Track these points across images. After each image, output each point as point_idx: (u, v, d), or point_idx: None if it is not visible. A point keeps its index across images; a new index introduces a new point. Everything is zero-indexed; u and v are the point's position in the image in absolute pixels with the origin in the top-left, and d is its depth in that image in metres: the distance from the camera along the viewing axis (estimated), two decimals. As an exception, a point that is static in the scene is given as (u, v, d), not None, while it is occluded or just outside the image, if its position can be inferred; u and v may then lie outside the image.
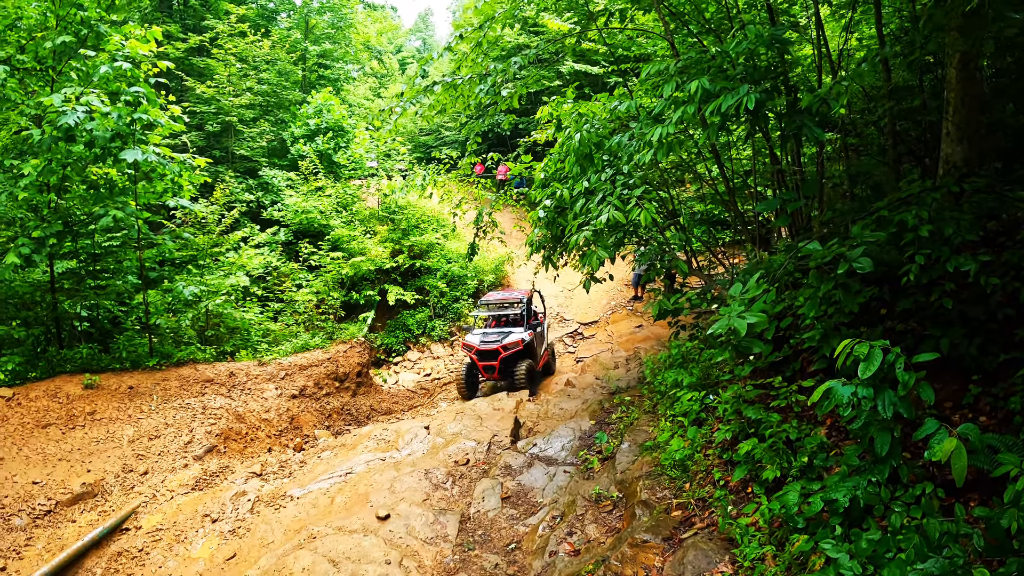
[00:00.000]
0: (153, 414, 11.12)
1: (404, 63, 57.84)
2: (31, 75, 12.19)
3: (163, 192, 12.70)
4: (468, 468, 8.48)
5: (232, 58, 24.11)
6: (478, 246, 12.33)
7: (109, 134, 11.02)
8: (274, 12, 31.40)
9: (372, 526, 7.02)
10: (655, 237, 8.92)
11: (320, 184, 21.62)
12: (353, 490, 8.18)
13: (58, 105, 10.54)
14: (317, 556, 6.37)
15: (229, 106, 23.26)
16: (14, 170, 11.61)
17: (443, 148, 28.42)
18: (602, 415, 9.35)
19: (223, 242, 16.37)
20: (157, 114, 11.70)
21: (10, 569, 7.47)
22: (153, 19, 24.82)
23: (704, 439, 6.38)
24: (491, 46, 9.40)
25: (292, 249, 20.27)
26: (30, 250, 11.02)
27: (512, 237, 20.84)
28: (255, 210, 21.88)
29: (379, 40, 39.36)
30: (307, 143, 23.93)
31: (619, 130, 7.69)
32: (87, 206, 12.31)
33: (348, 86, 32.45)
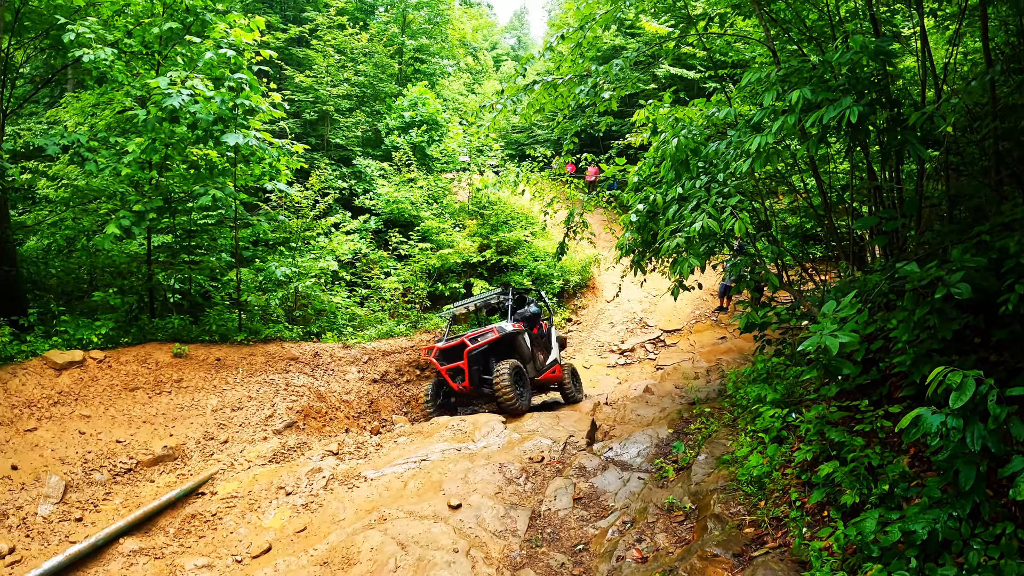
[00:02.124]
0: (237, 386, 11.53)
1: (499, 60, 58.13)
2: (137, 59, 12.90)
3: (261, 175, 13.25)
4: (542, 466, 8.51)
5: (331, 49, 24.82)
6: (567, 246, 12.36)
7: (212, 117, 11.48)
8: (372, 6, 32.06)
9: (443, 514, 7.13)
10: (746, 248, 8.81)
11: (412, 176, 22.01)
12: (427, 477, 8.31)
13: (164, 88, 11.04)
14: (386, 537, 6.53)
15: (326, 96, 23.91)
16: (117, 147, 12.19)
17: (536, 146, 28.55)
18: (680, 424, 9.26)
19: (315, 227, 16.88)
20: (258, 100, 12.17)
21: (86, 520, 7.89)
22: (255, 9, 25.67)
23: (783, 457, 6.27)
24: (590, 47, 9.43)
25: (382, 237, 20.70)
26: (130, 222, 11.60)
27: (600, 239, 20.81)
28: (347, 197, 22.44)
29: (474, 37, 39.77)
30: (401, 135, 24.36)
31: (715, 137, 7.61)
32: (187, 184, 12.91)
33: (443, 81, 32.90)
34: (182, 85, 11.16)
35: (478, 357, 11.99)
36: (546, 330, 14.29)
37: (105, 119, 13.17)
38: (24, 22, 12.73)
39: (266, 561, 6.94)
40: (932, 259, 5.17)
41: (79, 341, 11.28)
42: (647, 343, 17.72)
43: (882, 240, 6.88)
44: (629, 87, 9.65)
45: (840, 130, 5.76)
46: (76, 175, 13.24)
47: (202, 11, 12.47)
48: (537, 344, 13.64)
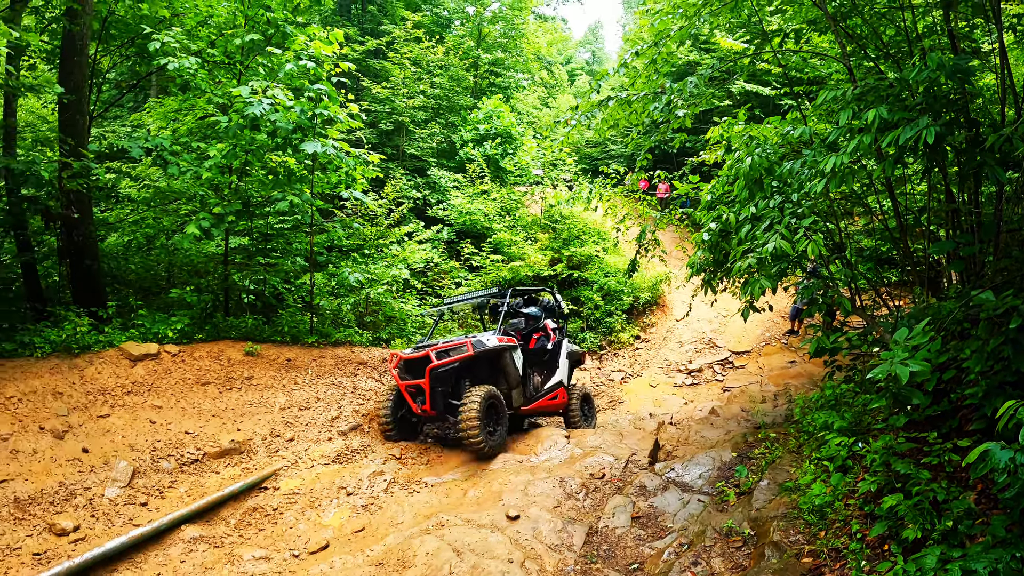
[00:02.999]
0: (306, 387, 11.77)
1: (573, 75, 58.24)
2: (219, 68, 13.42)
3: (337, 183, 13.56)
4: (603, 482, 8.50)
5: (407, 62, 25.29)
6: (638, 263, 12.30)
7: (291, 126, 11.82)
8: (448, 20, 32.60)
9: (500, 524, 7.21)
10: (819, 270, 8.65)
11: (485, 188, 22.23)
12: (487, 487, 8.44)
13: (245, 96, 11.38)
14: (442, 544, 6.64)
15: (402, 107, 24.35)
16: (198, 151, 12.65)
17: (609, 162, 28.55)
18: (744, 448, 9.11)
19: (389, 235, 17.17)
20: (336, 111, 12.41)
21: (151, 505, 8.19)
22: (333, 22, 26.31)
23: (847, 487, 6.12)
24: (664, 62, 9.40)
25: (453, 248, 20.93)
26: (209, 224, 11.94)
27: (672, 257, 20.64)
28: (421, 207, 22.76)
29: (549, 51, 40.03)
30: (475, 147, 24.63)
31: (790, 156, 7.51)
32: (265, 190, 13.28)
33: (518, 94, 33.20)
34: (263, 94, 11.51)
35: (445, 376, 10.19)
36: (552, 343, 12.39)
37: (187, 124, 13.74)
38: (111, 30, 13.37)
39: (323, 558, 7.14)
40: (1009, 287, 5.00)
41: (155, 335, 11.69)
42: (715, 364, 17.48)
43: (959, 266, 6.68)
44: (704, 104, 9.61)
45: (917, 150, 5.63)
46: (158, 177, 13.82)
47: (283, 24, 12.88)
48: (534, 362, 11.98)
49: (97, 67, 13.54)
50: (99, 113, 14.03)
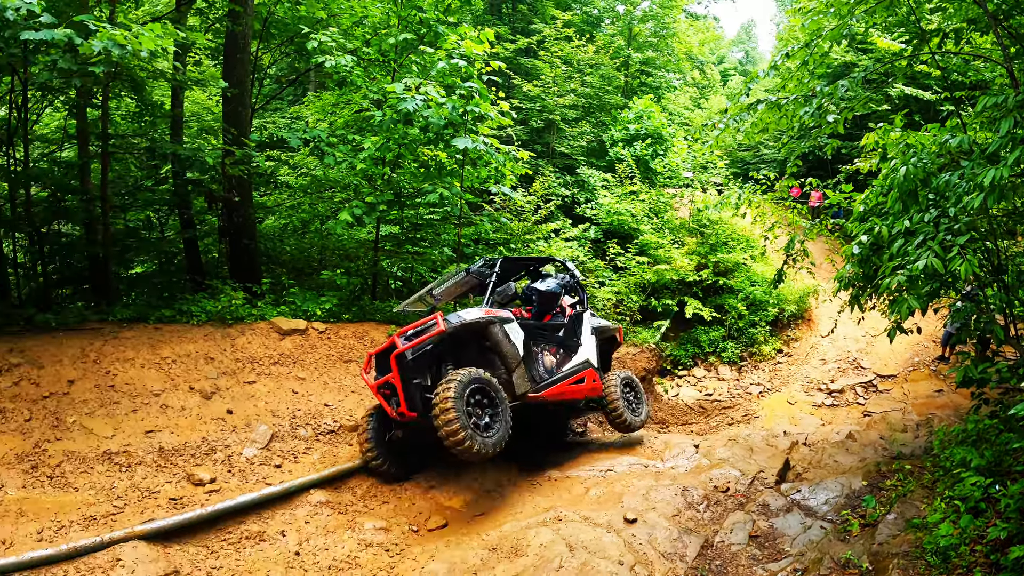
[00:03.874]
0: None
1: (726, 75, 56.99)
2: (374, 65, 14.11)
3: (486, 178, 14.00)
4: (726, 496, 8.38)
5: (557, 60, 25.46)
6: (785, 274, 11.92)
7: (443, 122, 12.20)
8: (598, 19, 32.52)
9: (617, 525, 7.27)
10: (975, 293, 8.16)
11: (634, 188, 22.09)
12: (609, 487, 8.50)
13: (399, 93, 11.86)
14: (557, 537, 6.80)
15: (553, 105, 24.55)
16: (353, 143, 13.34)
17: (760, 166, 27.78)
18: (876, 478, 8.69)
19: (536, 231, 17.39)
20: (487, 108, 12.75)
21: (284, 468, 8.80)
22: (484, 21, 26.76)
23: (976, 531, 5.75)
24: (817, 64, 9.12)
25: (599, 247, 20.88)
26: (361, 212, 12.73)
27: (821, 269, 19.86)
28: (569, 205, 22.96)
29: (700, 50, 39.22)
30: (625, 147, 24.51)
31: (949, 167, 7.14)
32: (416, 182, 13.97)
33: (669, 94, 32.86)
34: (416, 91, 11.95)
35: (419, 364, 8.23)
36: (568, 316, 10.41)
37: (343, 117, 14.64)
38: (271, 30, 14.57)
39: (440, 536, 7.58)
40: None
41: (304, 312, 12.59)
42: (857, 386, 16.64)
43: None
44: (859, 108, 9.23)
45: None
46: (314, 166, 14.71)
47: (435, 24, 13.39)
48: (544, 339, 9.79)
49: (258, 63, 14.52)
50: (260, 106, 15.08)
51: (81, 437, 8.41)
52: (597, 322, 10.81)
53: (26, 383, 8.91)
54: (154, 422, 8.99)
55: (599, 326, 10.79)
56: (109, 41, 8.48)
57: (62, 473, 7.82)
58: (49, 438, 8.25)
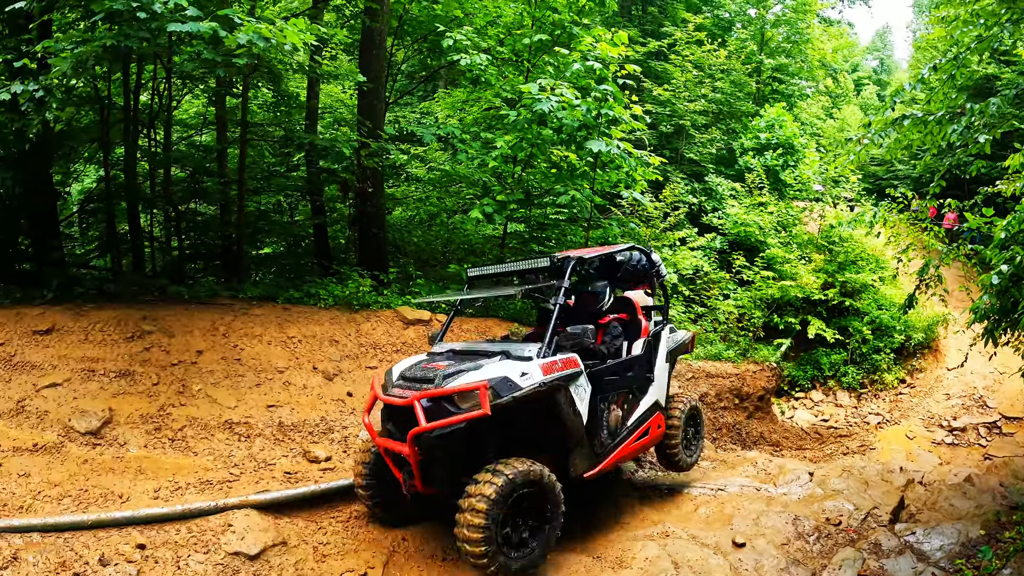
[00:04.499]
0: None
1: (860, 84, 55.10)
2: (507, 64, 14.45)
3: (617, 182, 14.12)
4: (837, 530, 8.27)
5: (689, 64, 25.24)
6: (916, 299, 11.59)
7: (577, 124, 12.43)
8: (730, 23, 32.00)
9: (724, 547, 7.34)
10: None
11: (763, 200, 21.72)
12: (719, 507, 8.55)
13: (535, 93, 12.09)
14: (663, 553, 6.92)
15: (683, 110, 24.41)
16: (481, 140, 13.73)
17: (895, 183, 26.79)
18: (995, 528, 8.40)
19: (662, 238, 17.39)
20: (620, 111, 12.84)
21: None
22: (614, 23, 26.76)
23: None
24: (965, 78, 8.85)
25: (725, 258, 20.65)
26: (492, 210, 13.08)
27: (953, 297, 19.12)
28: (696, 213, 22.76)
29: (834, 58, 38.03)
30: (755, 156, 24.14)
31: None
32: (547, 182, 14.18)
33: (801, 103, 32.02)
34: (551, 92, 12.16)
35: (453, 440, 6.29)
36: (643, 338, 8.29)
37: (472, 114, 15.09)
38: (405, 27, 15.19)
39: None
40: None
41: (428, 304, 12.89)
42: (981, 426, 15.88)
43: None
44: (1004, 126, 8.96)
45: None
46: (443, 160, 15.17)
47: (569, 25, 13.63)
48: (611, 387, 7.61)
49: (392, 59, 15.09)
50: (393, 100, 15.64)
51: (205, 405, 9.07)
52: (675, 338, 8.97)
53: (156, 350, 9.64)
54: (276, 397, 9.56)
55: (675, 346, 8.93)
56: (255, 35, 9.09)
57: (183, 437, 8.46)
58: (174, 403, 8.91)
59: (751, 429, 14.61)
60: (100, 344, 9.67)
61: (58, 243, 12.96)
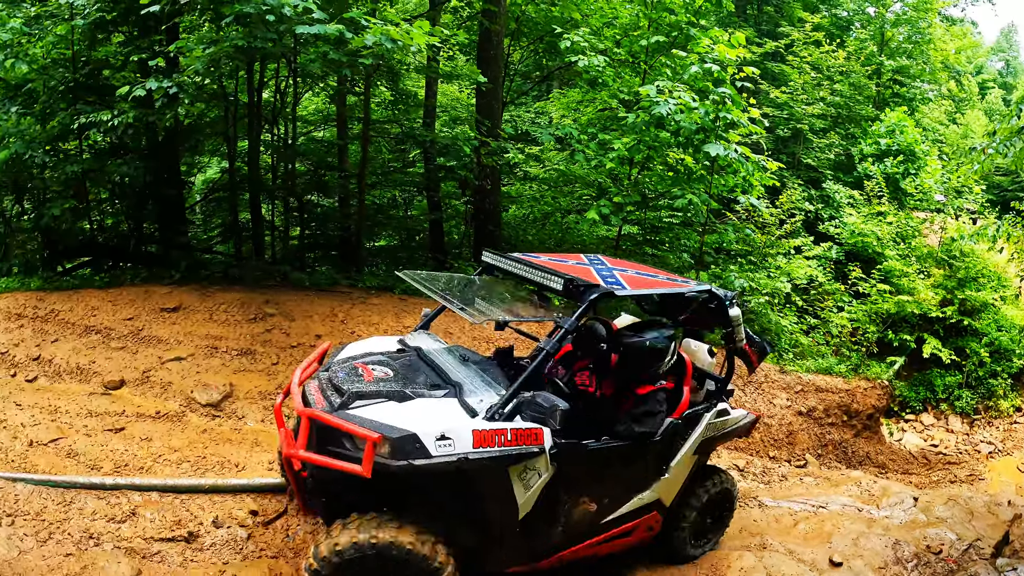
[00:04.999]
0: None
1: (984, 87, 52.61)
2: (624, 66, 14.67)
3: (733, 187, 14.19)
4: (937, 559, 8.25)
5: (806, 66, 24.82)
6: (1041, 321, 11.24)
7: (694, 127, 12.52)
8: (848, 22, 31.03)
9: (821, 566, 7.41)
10: None
11: (882, 209, 21.25)
12: (819, 524, 8.59)
13: (653, 95, 12.27)
14: (759, 564, 7.00)
15: (800, 113, 24.02)
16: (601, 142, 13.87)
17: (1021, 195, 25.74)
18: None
19: (777, 245, 17.39)
20: (738, 115, 12.95)
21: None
22: (729, 23, 26.51)
23: None
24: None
25: (840, 269, 20.34)
26: (608, 211, 13.31)
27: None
28: (811, 221, 22.33)
29: (957, 59, 36.09)
30: (874, 163, 23.54)
31: None
32: (663, 185, 14.36)
33: (923, 107, 30.90)
34: (669, 95, 12.31)
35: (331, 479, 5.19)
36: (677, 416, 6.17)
37: (587, 115, 15.42)
38: (522, 28, 15.75)
39: None
40: None
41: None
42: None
43: None
44: None
45: None
46: (558, 160, 15.53)
47: (685, 27, 13.80)
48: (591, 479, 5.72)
49: (508, 60, 15.55)
50: (511, 100, 16.13)
51: (321, 386, 9.73)
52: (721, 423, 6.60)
53: (277, 332, 10.38)
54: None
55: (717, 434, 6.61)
56: (382, 36, 9.72)
57: (299, 415, 9.12)
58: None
59: (857, 448, 14.45)
60: (223, 324, 10.56)
61: (184, 228, 14.20)
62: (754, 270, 16.28)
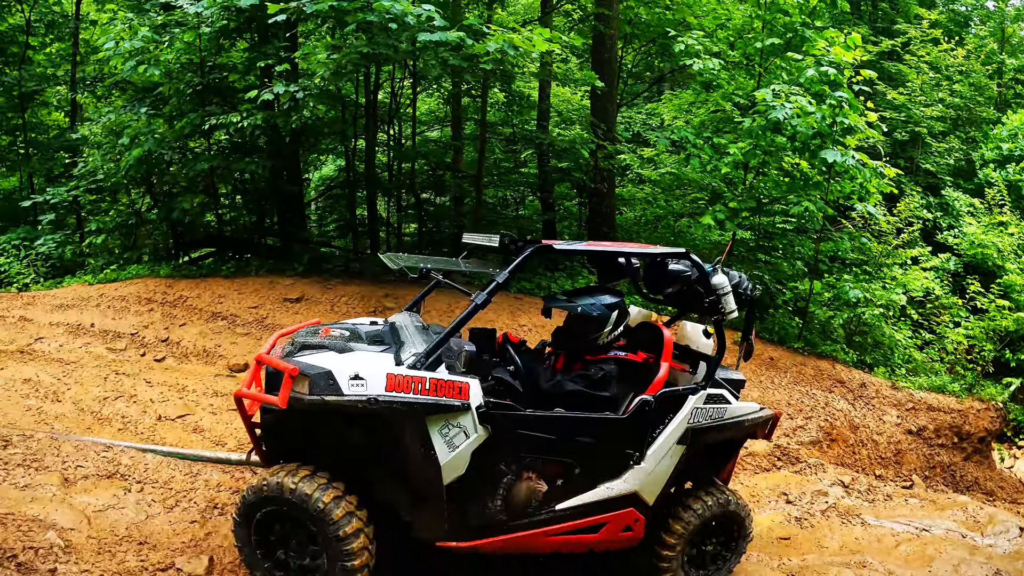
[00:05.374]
0: (780, 389, 12.59)
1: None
2: (738, 68, 14.77)
3: (849, 194, 14.06)
4: (1035, 594, 8.22)
5: (924, 66, 24.08)
6: None
7: (811, 132, 12.45)
8: (966, 17, 29.87)
9: (920, 589, 7.43)
10: None
11: (1004, 219, 20.36)
12: (921, 548, 8.48)
13: (769, 100, 12.26)
14: None
15: (918, 116, 23.25)
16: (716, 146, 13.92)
17: None
18: None
19: (894, 255, 16.99)
20: (856, 119, 12.76)
21: None
22: (843, 21, 25.83)
23: None
24: None
25: (957, 282, 19.72)
26: (724, 216, 13.42)
27: None
28: (929, 230, 21.59)
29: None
30: (996, 169, 22.71)
31: None
32: (777, 191, 14.34)
33: (1050, 108, 29.60)
34: (786, 99, 12.28)
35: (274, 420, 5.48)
36: (651, 393, 5.43)
37: (699, 117, 15.54)
38: (634, 31, 16.10)
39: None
40: None
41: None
42: None
43: None
44: None
45: None
46: (669, 162, 15.70)
47: (800, 28, 13.68)
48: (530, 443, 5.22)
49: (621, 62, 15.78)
50: (626, 103, 16.37)
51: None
52: (715, 412, 5.81)
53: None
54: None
55: (711, 424, 5.76)
56: (504, 43, 10.13)
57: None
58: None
59: (966, 472, 14.15)
60: (345, 315, 11.21)
61: (303, 223, 15.04)
62: (869, 280, 15.96)
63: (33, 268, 15.17)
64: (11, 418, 8.19)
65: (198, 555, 5.57)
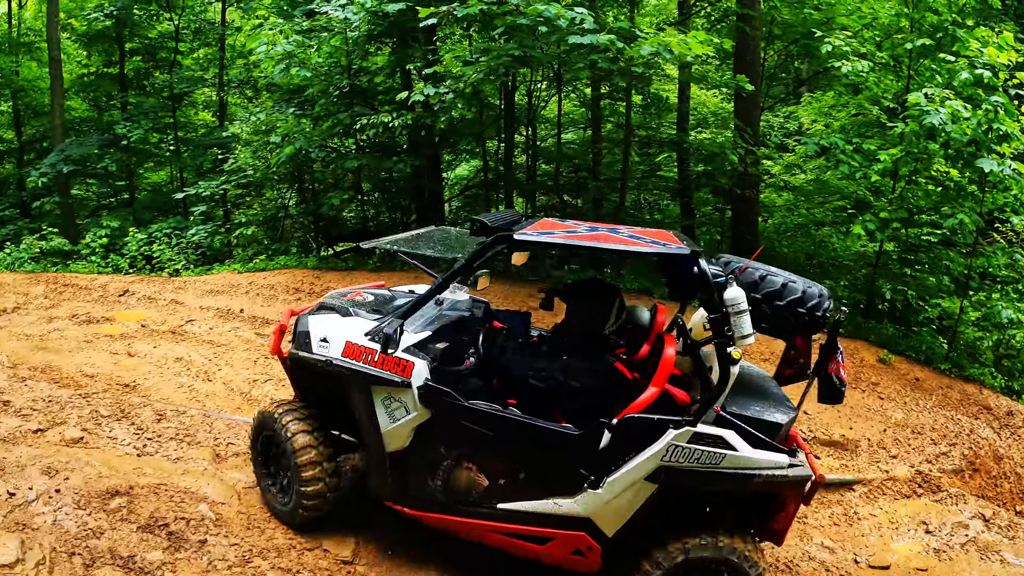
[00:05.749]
0: (923, 412, 12.14)
1: None
2: (885, 70, 14.31)
3: (1003, 205, 13.38)
4: None
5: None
6: None
7: (965, 139, 11.90)
8: None
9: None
10: None
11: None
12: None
13: (923, 104, 11.75)
14: None
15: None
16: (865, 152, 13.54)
17: None
18: None
19: (1037, 274, 16.21)
20: (1012, 126, 12.18)
21: None
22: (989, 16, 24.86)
23: None
24: None
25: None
26: (875, 227, 12.75)
27: None
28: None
29: None
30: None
31: None
32: (927, 200, 13.81)
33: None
34: (941, 103, 11.79)
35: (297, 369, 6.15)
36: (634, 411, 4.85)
37: (840, 120, 15.11)
38: (775, 31, 15.75)
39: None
40: None
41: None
42: None
43: None
44: None
45: None
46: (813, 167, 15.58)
47: (951, 28, 13.05)
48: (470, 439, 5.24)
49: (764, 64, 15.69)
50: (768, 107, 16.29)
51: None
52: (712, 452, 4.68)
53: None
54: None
55: (702, 467, 4.71)
56: (660, 46, 10.19)
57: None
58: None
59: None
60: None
61: (442, 221, 15.54)
62: (1021, 300, 15.29)
63: (184, 255, 16.00)
64: (163, 393, 8.69)
65: (344, 538, 5.95)
